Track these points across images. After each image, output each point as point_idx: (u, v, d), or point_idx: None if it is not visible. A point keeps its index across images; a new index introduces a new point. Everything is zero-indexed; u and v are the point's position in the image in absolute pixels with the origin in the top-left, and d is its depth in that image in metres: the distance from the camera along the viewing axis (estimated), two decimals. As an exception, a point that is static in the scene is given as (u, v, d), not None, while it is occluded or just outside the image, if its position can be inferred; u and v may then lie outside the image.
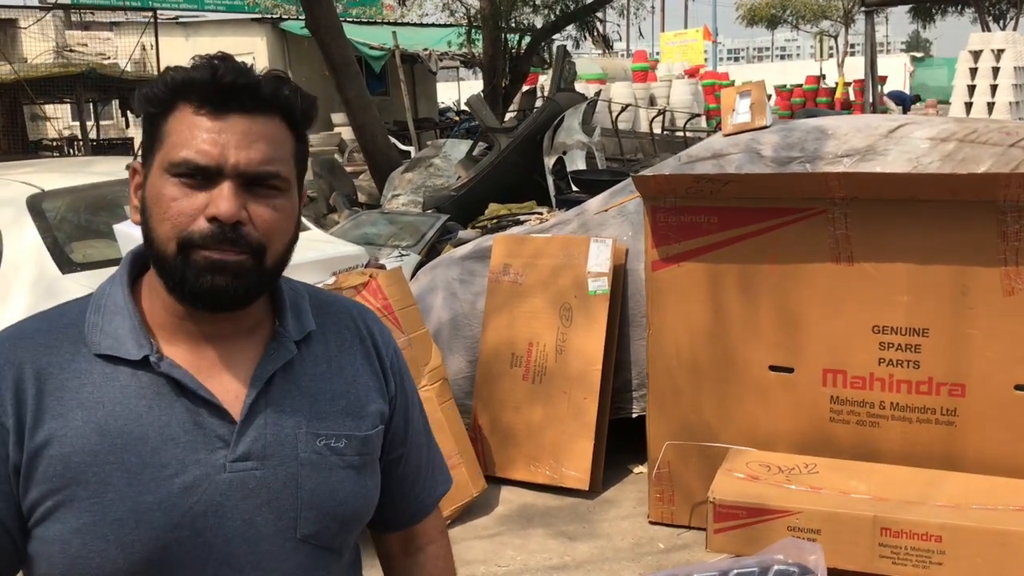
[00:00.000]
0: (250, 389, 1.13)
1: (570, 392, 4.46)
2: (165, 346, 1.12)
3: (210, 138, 1.06)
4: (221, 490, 1.10)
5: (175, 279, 1.08)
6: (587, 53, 24.04)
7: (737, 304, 3.77)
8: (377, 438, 1.23)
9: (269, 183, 1.09)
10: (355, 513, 1.19)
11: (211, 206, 1.06)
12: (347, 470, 1.17)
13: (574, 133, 8.55)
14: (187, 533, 1.08)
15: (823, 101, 22.60)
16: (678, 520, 4.02)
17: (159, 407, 1.09)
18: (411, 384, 1.33)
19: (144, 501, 1.06)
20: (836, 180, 3.48)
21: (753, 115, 4.51)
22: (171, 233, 1.06)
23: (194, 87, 1.07)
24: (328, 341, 1.22)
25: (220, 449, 1.10)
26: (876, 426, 3.63)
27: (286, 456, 1.13)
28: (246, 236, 1.07)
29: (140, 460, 1.07)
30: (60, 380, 1.08)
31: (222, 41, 18.69)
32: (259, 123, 1.08)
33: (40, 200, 4.02)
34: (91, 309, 1.13)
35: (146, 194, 1.10)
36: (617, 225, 4.75)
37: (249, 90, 1.08)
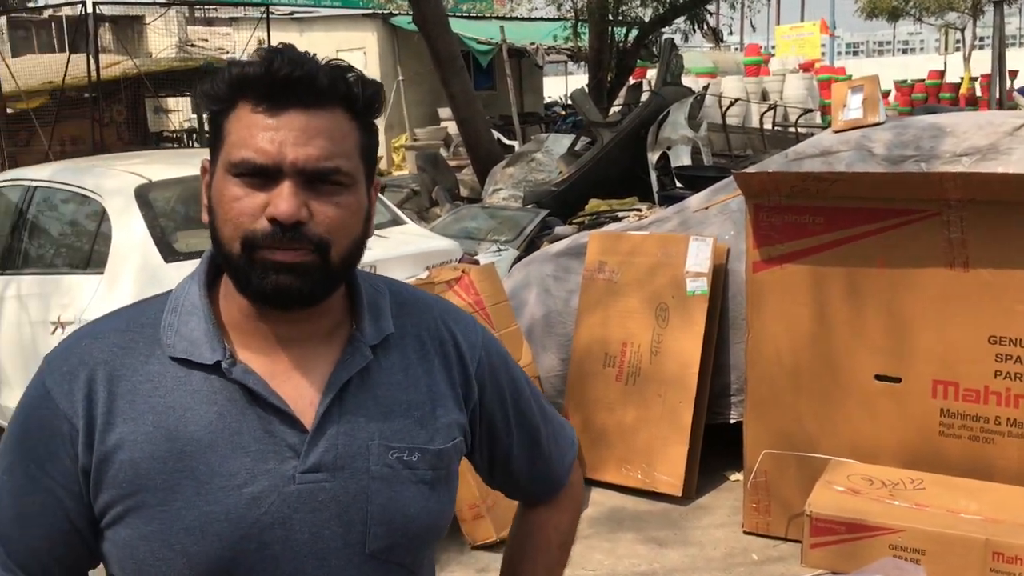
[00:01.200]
0: (323, 397, 1.09)
1: (665, 395, 4.35)
2: (240, 349, 1.10)
3: (268, 136, 1.02)
4: (290, 502, 1.06)
5: (242, 279, 1.06)
6: (698, 47, 23.63)
7: (842, 309, 3.59)
8: (455, 451, 1.18)
9: (331, 179, 1.04)
10: (426, 529, 1.15)
11: (270, 206, 1.02)
12: (419, 485, 1.13)
13: (679, 128, 8.38)
14: (254, 546, 1.06)
15: (946, 97, 21.60)
16: (774, 531, 3.87)
17: (230, 414, 1.06)
18: (510, 373, 1.27)
19: (212, 511, 1.04)
20: (952, 180, 3.28)
21: (865, 111, 4.30)
22: (234, 233, 1.04)
23: (250, 83, 1.03)
24: (406, 346, 1.17)
25: (290, 459, 1.07)
26: (990, 442, 3.41)
27: (357, 469, 1.09)
28: (308, 234, 1.03)
29: (209, 469, 1.05)
30: (133, 383, 1.07)
31: (334, 36, 19.08)
32: (318, 117, 1.04)
33: (147, 190, 4.13)
34: (168, 309, 1.11)
35: (212, 194, 1.08)
36: (719, 223, 4.61)
37: (305, 82, 1.03)
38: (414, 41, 17.75)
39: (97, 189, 4.23)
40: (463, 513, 3.62)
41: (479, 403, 1.22)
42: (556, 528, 1.37)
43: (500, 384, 1.25)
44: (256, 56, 1.05)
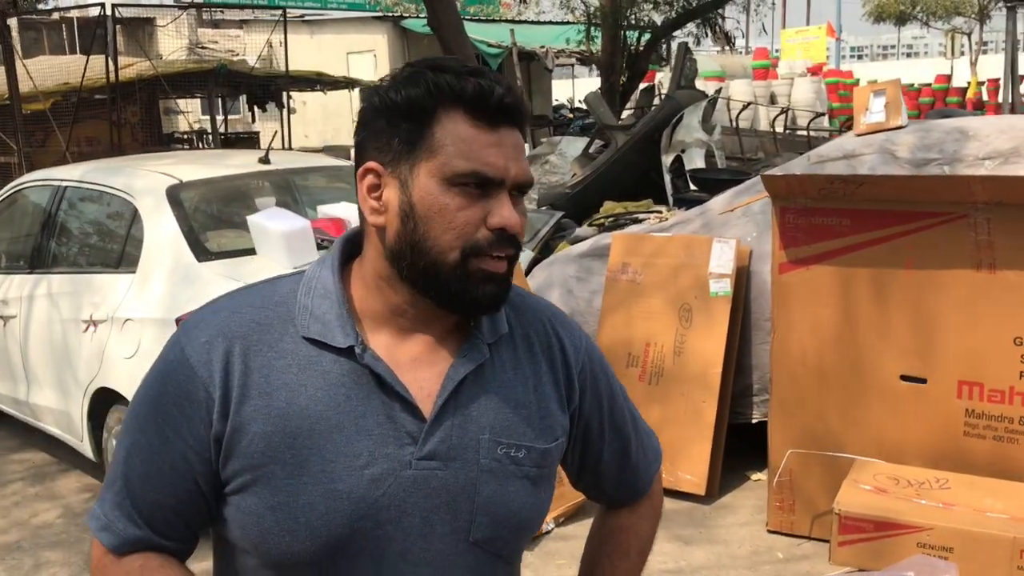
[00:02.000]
0: (442, 389, 1.14)
1: (688, 395, 4.39)
2: (369, 335, 1.15)
3: (495, 152, 1.09)
4: (405, 486, 1.12)
5: (448, 289, 1.10)
6: (705, 50, 23.65)
7: (868, 310, 3.64)
8: (557, 451, 1.23)
9: (525, 190, 1.14)
10: (527, 523, 1.20)
11: (496, 216, 1.09)
12: (523, 480, 1.18)
13: (693, 131, 8.42)
14: (370, 524, 1.11)
15: (953, 101, 21.62)
16: (798, 530, 3.91)
17: (357, 397, 1.12)
18: (608, 382, 1.32)
19: (335, 489, 1.09)
20: (979, 183, 3.32)
21: (888, 114, 4.35)
22: (455, 243, 1.09)
23: (466, 98, 1.09)
24: (518, 346, 1.22)
25: (408, 445, 1.12)
26: (1015, 443, 3.45)
27: (468, 460, 1.14)
28: (515, 240, 1.12)
29: (335, 448, 1.10)
30: (268, 359, 1.12)
31: (345, 39, 19.18)
32: (517, 135, 1.13)
33: (178, 191, 4.18)
34: (302, 290, 1.16)
35: (413, 202, 1.09)
36: (741, 225, 4.65)
37: (517, 105, 1.11)
38: (424, 44, 17.83)
39: (128, 189, 4.28)
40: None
41: (579, 406, 1.27)
42: (637, 534, 1.41)
43: (599, 391, 1.30)
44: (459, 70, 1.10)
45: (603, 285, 4.76)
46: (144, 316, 3.87)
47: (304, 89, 15.39)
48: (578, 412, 1.27)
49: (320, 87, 14.81)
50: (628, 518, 1.41)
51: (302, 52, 18.43)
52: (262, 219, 3.87)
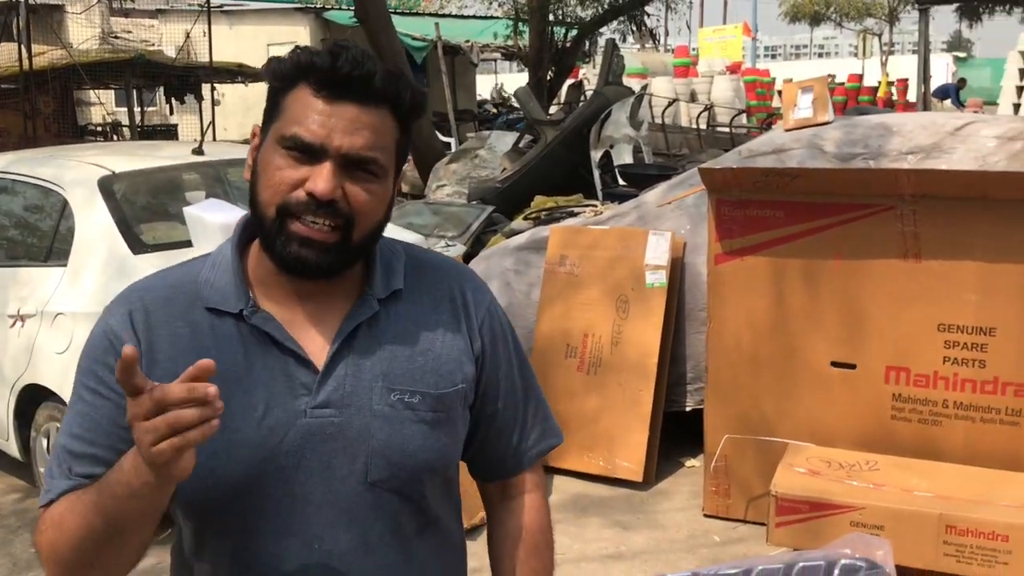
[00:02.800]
0: (333, 343, 1.23)
1: (625, 384, 4.48)
2: (264, 300, 1.24)
3: (320, 120, 1.16)
4: (302, 433, 1.20)
5: (269, 242, 1.20)
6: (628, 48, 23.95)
7: (800, 299, 3.76)
8: (456, 396, 1.29)
9: (367, 168, 1.18)
10: (425, 464, 1.26)
11: (310, 181, 1.16)
12: (419, 424, 1.25)
13: (621, 127, 8.54)
14: (272, 469, 1.20)
15: (865, 100, 22.34)
16: (733, 514, 4.03)
17: (253, 355, 1.21)
18: (510, 343, 1.38)
19: (234, 438, 1.18)
20: (906, 176, 3.47)
21: (815, 110, 4.48)
22: (272, 199, 1.17)
23: (315, 70, 1.17)
24: (418, 301, 1.30)
25: (303, 396, 1.21)
26: (939, 425, 3.62)
27: (362, 407, 1.22)
28: (339, 210, 1.17)
29: (235, 401, 1.18)
30: (174, 328, 1.22)
31: (265, 30, 18.84)
32: (368, 112, 1.17)
33: (111, 182, 4.08)
34: (207, 266, 1.26)
35: (259, 159, 1.21)
36: (675, 218, 4.76)
37: (363, 81, 1.16)
38: (347, 35, 17.65)
39: (58, 180, 4.16)
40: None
41: (482, 358, 1.33)
42: (541, 529, 1.43)
43: (498, 350, 1.36)
44: (324, 47, 1.18)
45: (541, 277, 4.82)
46: (77, 310, 3.77)
47: (224, 81, 15.08)
48: (481, 363, 1.33)
49: (241, 79, 14.53)
50: (527, 515, 1.42)
51: (221, 43, 18.00)
52: (199, 211, 3.81)
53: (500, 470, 1.43)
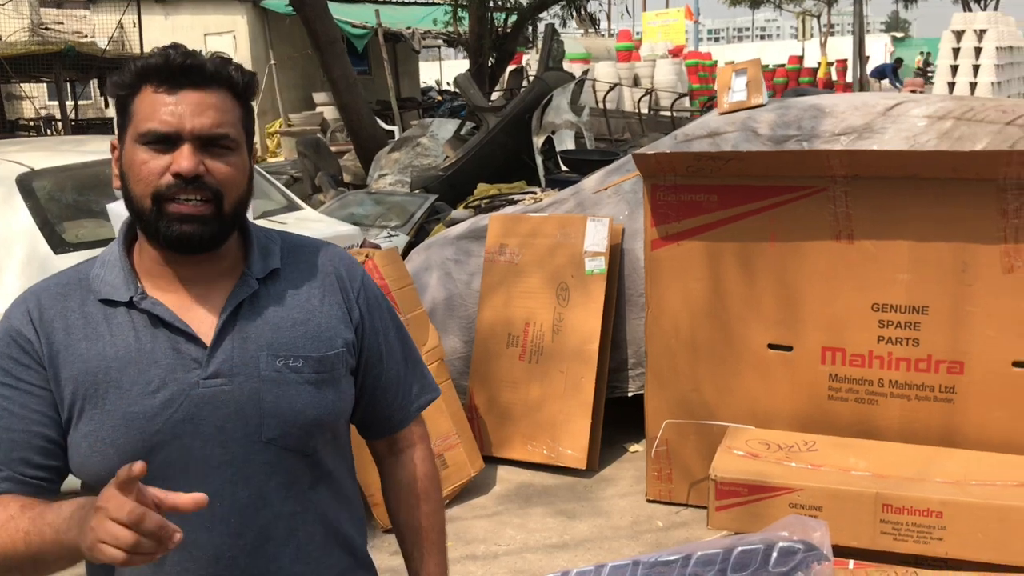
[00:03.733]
0: (219, 319, 1.35)
1: (567, 371, 4.45)
2: (152, 289, 1.36)
3: (168, 110, 1.29)
4: (196, 402, 1.32)
5: (152, 229, 1.31)
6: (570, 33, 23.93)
7: (736, 283, 3.76)
8: (337, 359, 1.42)
9: (221, 143, 1.31)
10: (314, 420, 1.39)
11: (174, 164, 1.28)
12: (304, 385, 1.38)
13: (563, 113, 8.51)
14: (168, 437, 1.32)
15: (805, 81, 22.58)
16: (676, 498, 4.03)
17: (145, 337, 1.33)
18: (385, 311, 1.53)
19: (132, 411, 1.31)
20: (837, 158, 3.48)
21: (749, 93, 4.50)
22: (145, 190, 1.29)
23: (153, 70, 1.30)
24: (294, 278, 1.44)
25: (195, 369, 1.33)
26: (875, 404, 3.65)
27: (250, 374, 1.35)
28: (206, 185, 1.30)
29: (130, 380, 1.31)
30: (70, 320, 1.34)
31: (201, 20, 18.47)
32: (208, 95, 1.31)
33: (30, 179, 3.94)
34: (97, 264, 1.40)
35: (123, 163, 1.33)
36: (613, 204, 4.74)
37: (197, 68, 1.30)
38: (286, 25, 17.35)
39: (-27, 178, 4.01)
40: (374, 498, 3.63)
41: (361, 324, 1.47)
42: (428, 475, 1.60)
43: (375, 318, 1.50)
44: (155, 52, 1.33)
45: (481, 266, 4.77)
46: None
47: (161, 72, 14.76)
48: (361, 331, 1.47)
49: (177, 70, 14.22)
50: (415, 465, 1.59)
51: (156, 33, 17.62)
52: (122, 207, 3.70)
53: (387, 427, 1.57)
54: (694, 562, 3.04)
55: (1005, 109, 4.08)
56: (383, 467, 1.62)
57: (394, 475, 1.59)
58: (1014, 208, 3.35)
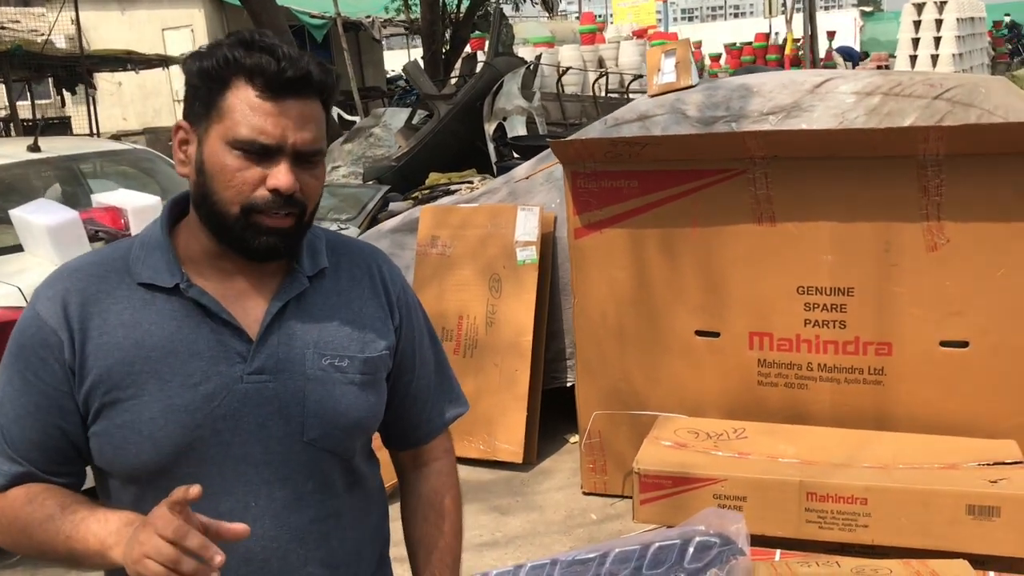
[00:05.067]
0: (266, 315, 1.32)
1: (501, 364, 4.37)
2: (196, 277, 1.31)
3: (273, 121, 1.23)
4: (238, 398, 1.28)
5: (234, 236, 1.27)
6: (535, 17, 23.77)
7: (661, 270, 3.68)
8: (380, 361, 1.39)
9: (313, 159, 1.28)
10: (356, 422, 1.36)
11: (271, 179, 1.23)
12: (349, 386, 1.35)
13: (513, 98, 8.40)
14: (208, 432, 1.27)
15: (773, 58, 22.52)
16: (611, 490, 3.96)
17: (188, 327, 1.28)
18: (420, 318, 1.50)
19: (172, 404, 1.26)
20: (754, 139, 3.40)
21: (679, 75, 4.41)
22: (235, 199, 1.24)
23: (256, 71, 1.22)
24: (341, 278, 1.40)
25: (239, 363, 1.29)
26: (805, 388, 3.58)
27: (295, 372, 1.31)
28: (297, 201, 1.26)
29: (171, 370, 1.26)
30: (105, 304, 1.28)
31: (159, 15, 18.21)
32: (307, 106, 1.26)
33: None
34: (136, 246, 1.33)
35: (203, 159, 1.26)
36: (545, 192, 4.65)
37: (304, 79, 1.24)
38: (244, 17, 17.06)
39: None
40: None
41: (399, 329, 1.44)
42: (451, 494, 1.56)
43: (412, 324, 1.48)
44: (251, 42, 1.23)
45: (414, 260, 4.67)
46: (-102, 326, 3.51)
47: (115, 69, 14.53)
48: (399, 334, 1.44)
49: (131, 66, 14.00)
50: (438, 479, 1.55)
51: (113, 29, 17.41)
52: (25, 213, 3.58)
53: (412, 438, 1.53)
54: (611, 560, 2.96)
55: (933, 83, 4.01)
56: (404, 479, 1.57)
57: (415, 488, 1.55)
58: (935, 185, 3.28)
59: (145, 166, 4.68)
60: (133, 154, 4.84)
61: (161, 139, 15.40)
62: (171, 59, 14.01)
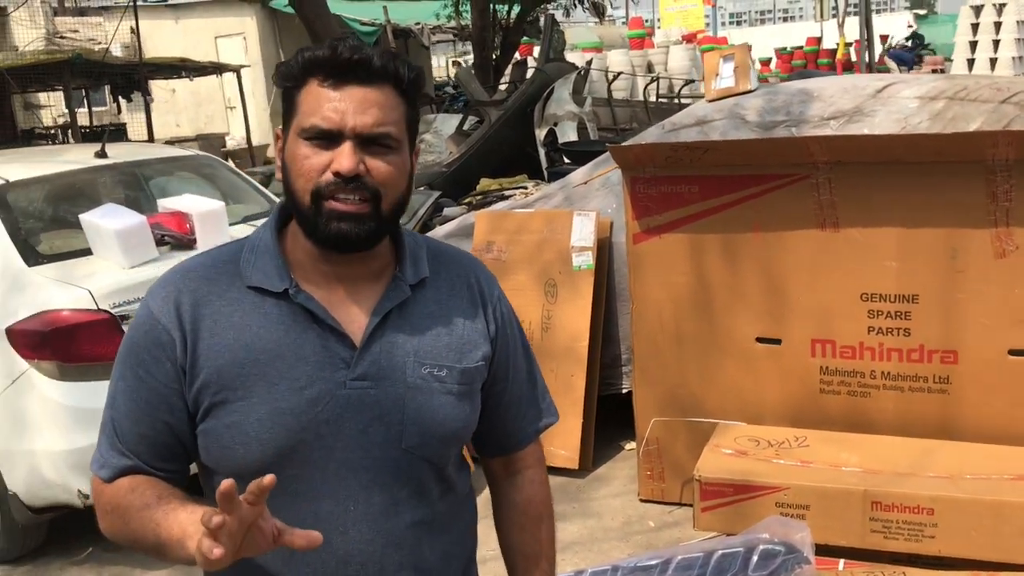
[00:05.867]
0: (370, 322, 1.34)
1: (557, 369, 4.37)
2: (303, 283, 1.34)
3: (332, 106, 1.27)
4: (341, 403, 1.31)
5: (309, 225, 1.30)
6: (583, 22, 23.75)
7: (721, 275, 3.66)
8: (477, 372, 1.41)
9: (382, 142, 1.28)
10: (453, 432, 1.39)
11: (334, 163, 1.27)
12: (447, 395, 1.37)
13: (564, 104, 8.40)
14: (312, 436, 1.30)
15: (824, 63, 22.27)
16: (669, 497, 3.94)
17: (295, 331, 1.32)
18: (515, 328, 1.52)
19: (279, 407, 1.29)
20: (818, 144, 3.36)
21: (737, 79, 4.38)
22: (306, 186, 1.28)
23: (319, 63, 1.28)
24: (440, 287, 1.42)
25: (342, 369, 1.32)
26: (868, 396, 3.53)
27: (396, 379, 1.34)
28: (366, 185, 1.27)
29: (278, 373, 1.30)
30: (217, 307, 1.32)
31: (212, 23, 18.49)
32: (373, 92, 1.28)
33: (5, 192, 3.90)
34: (247, 249, 1.37)
35: (285, 156, 1.32)
36: (601, 197, 4.64)
37: (363, 64, 1.27)
38: (295, 24, 17.26)
39: (-53, 192, 3.98)
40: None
41: (495, 339, 1.46)
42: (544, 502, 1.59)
43: (507, 334, 1.49)
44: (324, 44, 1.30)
45: (469, 264, 4.69)
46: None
47: (170, 77, 14.78)
48: (495, 345, 1.45)
49: (185, 74, 14.23)
50: (530, 488, 1.57)
51: (167, 38, 17.71)
52: (95, 217, 3.66)
53: (505, 446, 1.56)
54: (674, 566, 2.95)
55: (1000, 87, 3.93)
56: (497, 487, 1.60)
57: (508, 496, 1.58)
58: (1004, 190, 3.21)
59: (206, 172, 4.75)
60: (196, 160, 4.92)
61: (213, 145, 15.64)
62: (225, 66, 14.23)
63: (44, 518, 3.72)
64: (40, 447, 3.49)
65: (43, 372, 3.45)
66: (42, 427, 3.47)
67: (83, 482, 3.46)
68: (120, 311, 3.47)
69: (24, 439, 3.52)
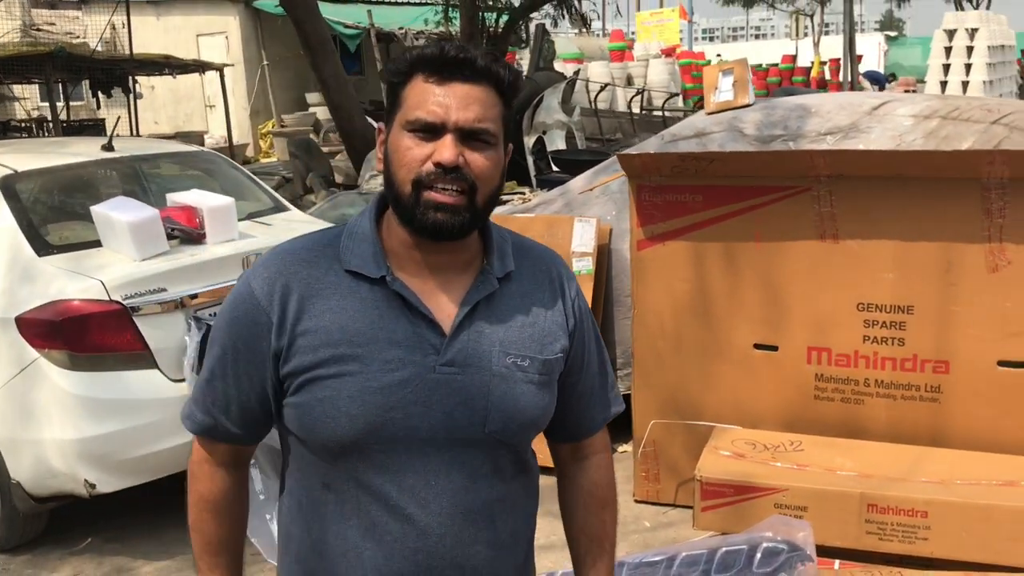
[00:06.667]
0: (459, 311, 1.41)
1: (554, 372, 4.44)
2: (397, 270, 1.42)
3: (437, 100, 1.34)
4: (429, 386, 1.38)
5: (408, 214, 1.37)
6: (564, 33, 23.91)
7: (722, 283, 3.76)
8: (556, 363, 1.49)
9: (481, 137, 1.36)
10: (533, 419, 1.46)
11: (436, 154, 1.34)
12: (528, 384, 1.44)
13: (554, 112, 8.50)
14: (400, 415, 1.38)
15: (799, 80, 22.60)
16: (664, 498, 4.02)
17: (388, 316, 1.39)
18: (590, 322, 1.58)
19: (370, 386, 1.37)
20: (821, 157, 3.48)
21: (736, 93, 4.49)
22: (407, 176, 1.35)
23: (425, 60, 1.36)
24: (524, 280, 1.49)
25: (432, 355, 1.39)
26: (861, 403, 3.64)
27: (482, 367, 1.41)
28: (463, 176, 1.35)
29: (371, 355, 1.37)
30: (316, 289, 1.40)
31: (194, 20, 18.44)
32: (475, 89, 1.36)
33: (14, 182, 3.92)
34: (346, 234, 1.45)
35: (388, 147, 1.40)
36: (601, 204, 4.73)
37: (467, 63, 1.35)
38: (278, 25, 17.29)
39: (-45, 181, 3.98)
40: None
41: (573, 332, 1.53)
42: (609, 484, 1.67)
43: (583, 328, 1.56)
44: (430, 43, 1.40)
45: (468, 267, 4.76)
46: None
47: (152, 73, 14.72)
48: (572, 338, 1.52)
49: (169, 71, 14.19)
50: (597, 472, 1.64)
51: (149, 34, 17.59)
52: (107, 209, 3.68)
53: (575, 432, 1.62)
54: (679, 563, 3.03)
55: (991, 108, 4.08)
56: (565, 472, 1.67)
57: (576, 480, 1.65)
58: (998, 207, 3.34)
59: (208, 167, 4.78)
60: (199, 156, 4.95)
61: (192, 143, 15.60)
62: (209, 65, 14.19)
63: (46, 507, 3.73)
64: (48, 436, 3.50)
65: (53, 361, 3.47)
66: (51, 416, 3.49)
67: (91, 472, 3.48)
68: (131, 302, 3.50)
69: (31, 428, 3.54)
